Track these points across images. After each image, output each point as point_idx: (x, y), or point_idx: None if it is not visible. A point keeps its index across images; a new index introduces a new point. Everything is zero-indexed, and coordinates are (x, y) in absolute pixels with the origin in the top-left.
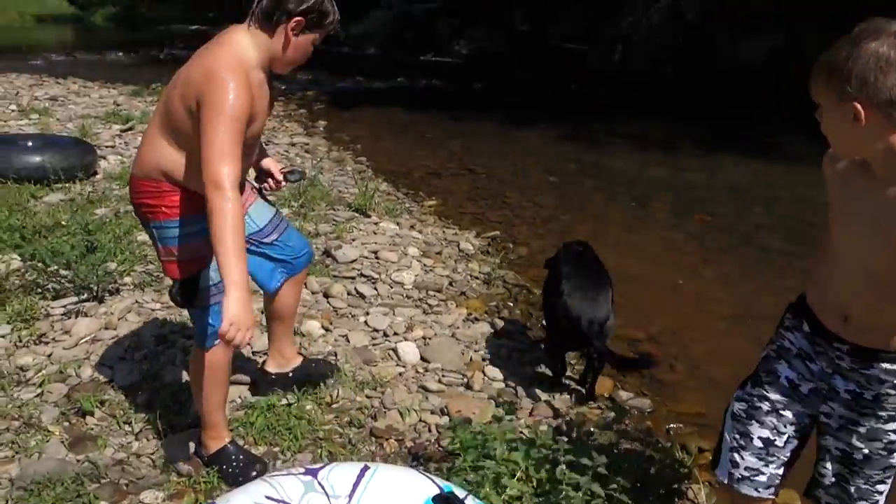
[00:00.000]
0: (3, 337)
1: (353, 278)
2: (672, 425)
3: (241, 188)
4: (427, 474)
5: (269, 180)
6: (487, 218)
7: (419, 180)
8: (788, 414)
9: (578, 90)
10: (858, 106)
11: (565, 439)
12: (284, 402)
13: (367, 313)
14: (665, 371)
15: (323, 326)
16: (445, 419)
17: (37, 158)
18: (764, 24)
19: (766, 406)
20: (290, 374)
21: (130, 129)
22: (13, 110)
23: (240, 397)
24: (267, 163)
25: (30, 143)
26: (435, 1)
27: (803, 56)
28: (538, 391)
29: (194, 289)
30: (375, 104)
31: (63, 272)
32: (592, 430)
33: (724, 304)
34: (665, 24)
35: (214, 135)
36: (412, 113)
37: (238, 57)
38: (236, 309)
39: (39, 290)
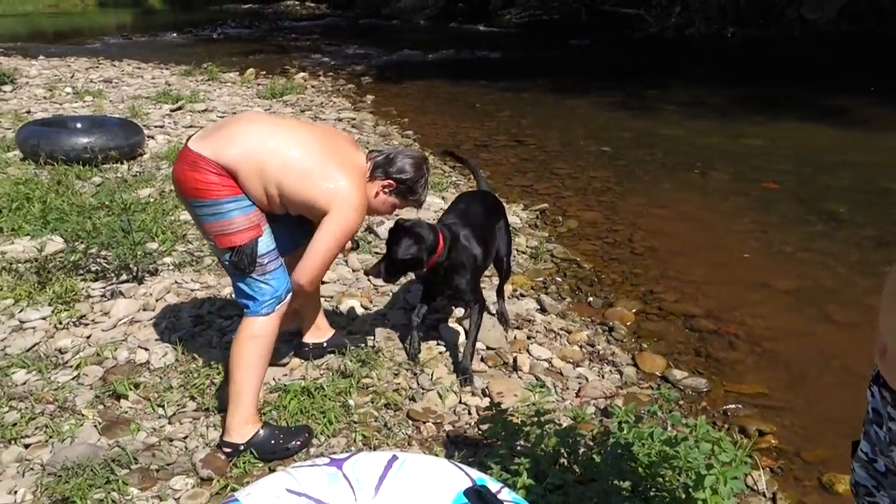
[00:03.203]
0: (43, 319)
1: None
2: (730, 406)
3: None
4: (459, 465)
5: None
6: (536, 190)
7: (467, 153)
8: (884, 501)
9: (632, 56)
10: None
11: (613, 423)
12: (319, 384)
13: (409, 291)
14: (723, 348)
15: (363, 305)
16: (486, 401)
17: (84, 140)
18: None
19: (861, 489)
20: (325, 345)
21: (180, 108)
22: (68, 93)
23: (273, 379)
24: None
25: (78, 125)
26: None
27: (878, 13)
28: (585, 371)
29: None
30: (424, 77)
31: (104, 253)
32: (643, 411)
33: (788, 277)
34: None
35: None
36: (461, 85)
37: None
38: None
39: (80, 272)
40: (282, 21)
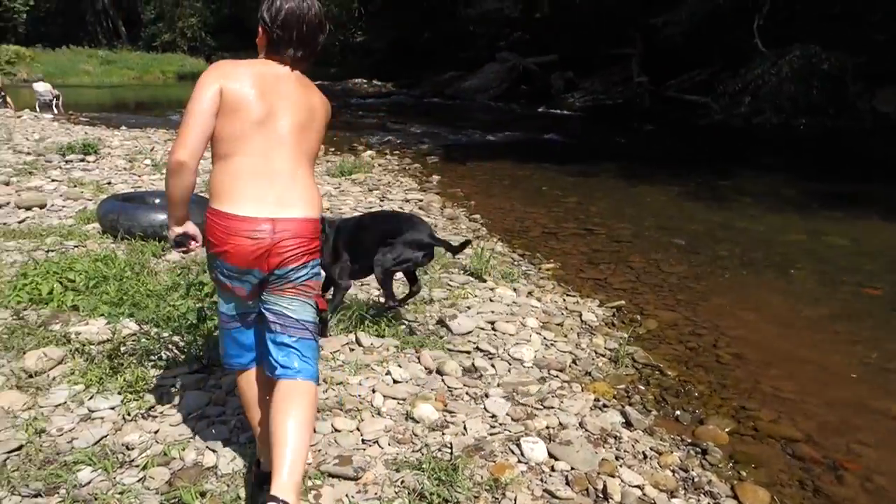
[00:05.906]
0: (112, 409)
1: (469, 353)
2: None
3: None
4: None
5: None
6: (610, 284)
7: (536, 240)
8: None
9: (699, 143)
10: None
11: None
12: None
13: (486, 395)
14: (832, 482)
15: (437, 409)
16: None
17: (162, 216)
18: None
19: None
20: None
21: None
22: (147, 165)
23: (346, 496)
24: None
25: (157, 201)
26: (550, 54)
27: None
28: (682, 503)
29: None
30: (489, 158)
31: (175, 338)
32: None
33: (893, 396)
34: (797, 74)
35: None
36: (526, 167)
37: None
38: None
39: (152, 359)
40: (349, 98)
